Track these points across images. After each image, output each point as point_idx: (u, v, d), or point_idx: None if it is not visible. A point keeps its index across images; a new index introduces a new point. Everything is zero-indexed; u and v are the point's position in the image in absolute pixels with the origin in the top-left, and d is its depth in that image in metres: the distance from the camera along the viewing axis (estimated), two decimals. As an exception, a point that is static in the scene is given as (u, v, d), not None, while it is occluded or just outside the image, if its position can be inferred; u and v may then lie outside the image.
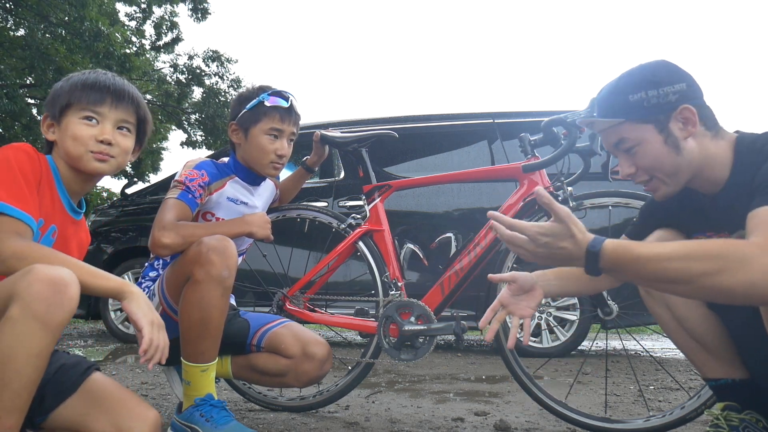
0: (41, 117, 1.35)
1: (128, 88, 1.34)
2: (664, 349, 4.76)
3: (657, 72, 1.26)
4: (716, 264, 1.04)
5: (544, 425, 1.98)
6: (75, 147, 1.27)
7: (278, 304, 2.14)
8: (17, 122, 11.97)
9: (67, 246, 1.31)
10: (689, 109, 1.24)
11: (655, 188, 1.33)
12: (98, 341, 4.76)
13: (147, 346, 1.11)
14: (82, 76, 1.32)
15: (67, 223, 1.32)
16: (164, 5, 13.35)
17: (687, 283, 1.08)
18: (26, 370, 0.97)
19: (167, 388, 2.62)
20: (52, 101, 1.31)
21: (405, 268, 2.10)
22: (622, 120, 1.28)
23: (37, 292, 0.97)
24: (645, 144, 1.27)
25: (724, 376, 1.41)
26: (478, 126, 4.26)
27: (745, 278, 1.01)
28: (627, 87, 1.27)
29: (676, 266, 1.08)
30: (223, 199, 1.83)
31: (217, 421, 1.59)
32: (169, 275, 1.67)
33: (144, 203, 4.72)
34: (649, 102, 1.24)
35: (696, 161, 1.27)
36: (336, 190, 4.23)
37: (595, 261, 1.11)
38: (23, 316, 0.96)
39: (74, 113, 1.28)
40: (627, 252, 1.10)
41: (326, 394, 2.09)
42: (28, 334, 0.96)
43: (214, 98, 13.54)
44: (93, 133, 1.28)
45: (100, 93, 1.29)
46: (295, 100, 1.88)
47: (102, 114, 1.29)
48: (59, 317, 0.99)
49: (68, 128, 1.28)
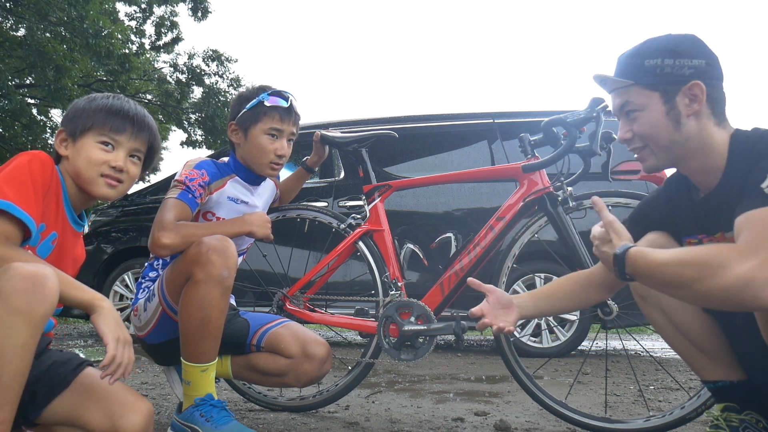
0: (57, 131, 1.37)
1: (148, 120, 1.38)
2: (664, 349, 4.76)
3: (681, 43, 1.25)
4: (701, 270, 1.07)
5: (544, 425, 1.98)
6: (88, 170, 1.30)
7: (278, 304, 2.14)
8: (17, 122, 11.97)
9: (63, 256, 1.33)
10: (699, 85, 1.23)
11: (644, 158, 1.33)
12: (98, 341, 4.76)
13: (109, 362, 1.10)
14: (106, 101, 1.35)
15: (67, 233, 1.34)
16: (164, 5, 13.34)
17: (684, 288, 1.11)
18: (14, 363, 0.99)
19: (167, 388, 2.63)
20: (72, 119, 1.33)
21: (405, 268, 2.10)
22: (631, 82, 1.28)
23: (15, 286, 0.99)
24: (647, 111, 1.27)
25: (722, 378, 1.41)
26: (478, 126, 4.26)
27: (721, 284, 1.04)
28: (647, 51, 1.27)
29: (672, 272, 1.12)
30: (224, 198, 1.83)
31: (217, 421, 1.59)
32: (169, 275, 1.67)
33: (144, 203, 4.72)
34: (663, 70, 1.24)
35: (692, 142, 1.26)
36: (336, 190, 4.23)
37: (622, 265, 1.19)
38: (5, 311, 0.98)
39: (93, 136, 1.31)
40: (643, 257, 1.16)
41: (326, 394, 2.10)
42: (11, 328, 0.99)
43: (214, 98, 13.54)
44: (107, 159, 1.31)
45: (123, 122, 1.33)
46: (294, 99, 1.88)
47: (119, 142, 1.33)
48: (41, 309, 1.01)
49: (83, 149, 1.30)
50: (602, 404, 2.30)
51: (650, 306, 1.46)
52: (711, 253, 1.08)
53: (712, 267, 1.06)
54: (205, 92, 13.86)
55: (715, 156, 1.26)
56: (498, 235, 1.96)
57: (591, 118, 1.83)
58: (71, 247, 1.37)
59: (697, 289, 1.08)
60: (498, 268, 1.99)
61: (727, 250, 1.07)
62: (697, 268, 1.08)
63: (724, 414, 1.40)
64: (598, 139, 1.83)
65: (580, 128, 1.86)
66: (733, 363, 1.40)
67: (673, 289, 1.15)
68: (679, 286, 1.12)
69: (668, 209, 1.42)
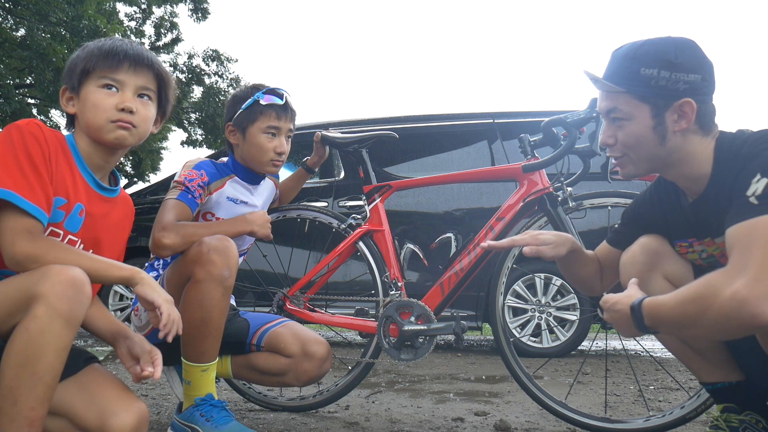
0: (60, 90, 1.31)
1: (146, 53, 1.31)
2: (663, 349, 4.76)
3: (680, 53, 1.21)
4: (700, 304, 1.06)
5: (544, 425, 1.98)
6: (95, 117, 1.24)
7: (278, 304, 2.14)
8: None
9: (95, 225, 1.29)
10: (690, 104, 1.21)
11: (623, 165, 1.32)
12: (98, 341, 4.76)
13: (166, 321, 1.19)
14: (98, 43, 1.29)
15: (95, 201, 1.29)
16: (164, 5, 13.34)
17: (696, 325, 1.09)
18: (56, 364, 1.03)
19: (167, 388, 2.63)
20: (69, 72, 1.28)
21: (405, 268, 2.10)
22: (623, 90, 1.25)
23: (60, 292, 1.02)
24: (634, 122, 1.25)
25: (721, 380, 1.41)
26: (478, 126, 4.26)
27: (719, 311, 1.03)
28: (645, 57, 1.23)
29: (679, 312, 1.10)
30: (223, 198, 1.83)
31: (217, 421, 1.59)
32: (170, 275, 1.67)
33: (144, 203, 4.71)
34: (657, 82, 1.21)
35: (676, 155, 1.25)
36: (336, 190, 4.24)
37: (639, 317, 1.18)
38: (50, 315, 1.01)
39: (93, 82, 1.26)
40: (654, 303, 1.15)
41: (326, 394, 2.10)
42: (55, 331, 1.02)
43: (213, 97, 13.55)
44: (113, 102, 1.25)
45: (117, 58, 1.26)
46: (289, 96, 1.87)
47: (121, 81, 1.26)
48: (79, 313, 1.05)
49: (88, 98, 1.25)
50: (602, 404, 2.30)
51: None
52: (703, 284, 1.07)
53: (707, 297, 1.04)
54: (205, 92, 13.87)
55: (699, 164, 1.25)
56: (498, 236, 1.96)
57: (591, 118, 1.84)
58: (106, 213, 1.32)
59: (705, 324, 1.07)
60: (498, 268, 1.99)
61: (717, 276, 1.06)
62: (696, 303, 1.07)
63: (723, 414, 1.40)
64: (598, 140, 1.83)
65: (579, 128, 1.86)
66: (731, 364, 1.40)
67: (688, 330, 1.14)
68: (691, 325, 1.10)
69: (660, 211, 1.42)
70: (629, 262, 1.43)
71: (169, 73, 1.36)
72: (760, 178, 1.09)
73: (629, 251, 1.45)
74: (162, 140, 15.62)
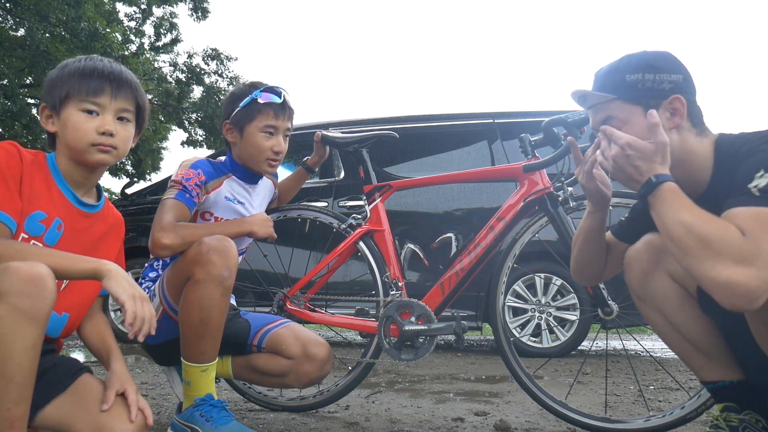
0: (39, 107, 1.32)
1: (126, 75, 1.32)
2: (663, 349, 4.76)
3: (658, 59, 1.28)
4: (703, 249, 1.07)
5: (544, 425, 1.98)
6: (77, 140, 1.26)
7: (279, 304, 2.14)
8: (17, 122, 11.96)
9: (77, 239, 1.30)
10: (680, 99, 1.25)
11: None
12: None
13: (132, 320, 1.11)
14: (78, 64, 1.29)
15: (74, 216, 1.30)
16: (164, 6, 13.34)
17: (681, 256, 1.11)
18: (25, 363, 1.01)
19: (167, 388, 2.63)
20: (49, 91, 1.29)
21: (405, 268, 2.10)
22: (613, 97, 1.29)
23: (20, 290, 1.00)
24: (630, 125, 1.27)
25: (721, 379, 1.41)
26: (478, 126, 4.26)
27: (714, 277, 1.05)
28: (627, 67, 1.29)
29: (680, 231, 1.11)
30: (221, 198, 1.83)
31: (217, 421, 1.59)
32: (170, 275, 1.67)
33: (144, 203, 4.72)
34: (644, 85, 1.26)
35: (675, 154, 1.26)
36: (336, 190, 4.24)
37: (651, 189, 1.18)
38: (12, 314, 0.99)
39: (73, 105, 1.26)
40: (674, 194, 1.15)
41: (326, 394, 2.10)
42: (20, 329, 0.99)
43: (213, 97, 13.54)
44: (94, 125, 1.26)
45: (99, 82, 1.27)
46: (287, 94, 1.86)
47: (102, 105, 1.27)
48: (44, 309, 1.02)
49: (68, 121, 1.26)
50: (602, 404, 2.30)
51: (648, 307, 1.46)
52: (720, 234, 1.07)
53: (713, 253, 1.05)
54: (205, 91, 13.86)
55: (699, 165, 1.28)
56: (498, 235, 1.96)
57: (591, 118, 1.83)
58: (84, 230, 1.33)
59: (690, 261, 1.09)
60: (498, 268, 1.99)
61: (735, 238, 1.05)
62: (701, 243, 1.07)
63: (723, 414, 1.40)
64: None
65: (580, 128, 1.86)
66: (732, 363, 1.40)
67: (672, 246, 1.14)
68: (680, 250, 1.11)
69: None
70: (634, 259, 1.44)
71: (144, 94, 1.38)
72: (764, 173, 1.11)
73: (634, 248, 1.45)
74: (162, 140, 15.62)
